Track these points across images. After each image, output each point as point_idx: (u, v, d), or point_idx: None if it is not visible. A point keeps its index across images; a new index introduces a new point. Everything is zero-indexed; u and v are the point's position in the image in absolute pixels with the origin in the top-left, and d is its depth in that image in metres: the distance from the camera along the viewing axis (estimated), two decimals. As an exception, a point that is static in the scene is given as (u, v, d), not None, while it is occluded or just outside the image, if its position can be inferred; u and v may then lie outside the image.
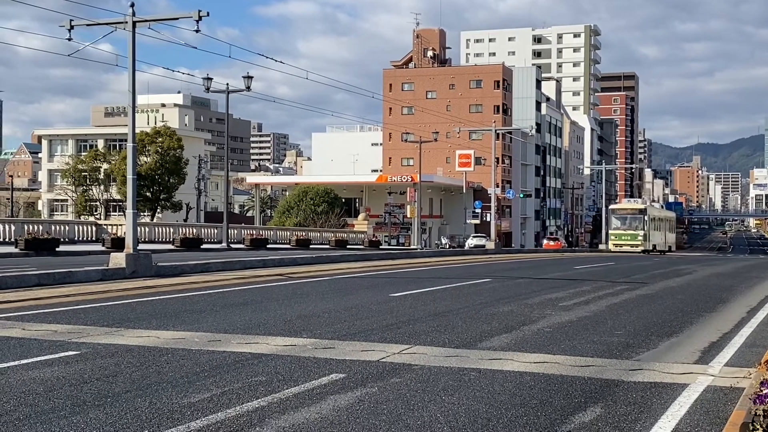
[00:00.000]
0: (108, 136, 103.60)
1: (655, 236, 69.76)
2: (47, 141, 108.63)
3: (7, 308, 14.42)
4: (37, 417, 6.90)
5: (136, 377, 8.60)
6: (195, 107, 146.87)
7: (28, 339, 10.99)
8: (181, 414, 7.05)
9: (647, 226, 66.58)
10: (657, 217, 73.67)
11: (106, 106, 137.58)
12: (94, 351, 10.13)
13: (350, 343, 10.97)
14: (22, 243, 35.39)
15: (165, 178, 79.68)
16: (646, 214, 67.13)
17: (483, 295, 18.77)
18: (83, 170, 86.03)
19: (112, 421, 6.80)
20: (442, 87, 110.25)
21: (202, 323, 12.78)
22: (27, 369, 8.96)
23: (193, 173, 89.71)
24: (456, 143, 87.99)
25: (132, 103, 23.42)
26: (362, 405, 7.48)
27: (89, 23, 24.03)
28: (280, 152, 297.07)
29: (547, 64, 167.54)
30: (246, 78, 44.44)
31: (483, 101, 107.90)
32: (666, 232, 76.70)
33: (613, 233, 67.72)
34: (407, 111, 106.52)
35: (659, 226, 73.06)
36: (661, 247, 72.08)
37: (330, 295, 18.23)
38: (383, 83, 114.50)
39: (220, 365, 9.31)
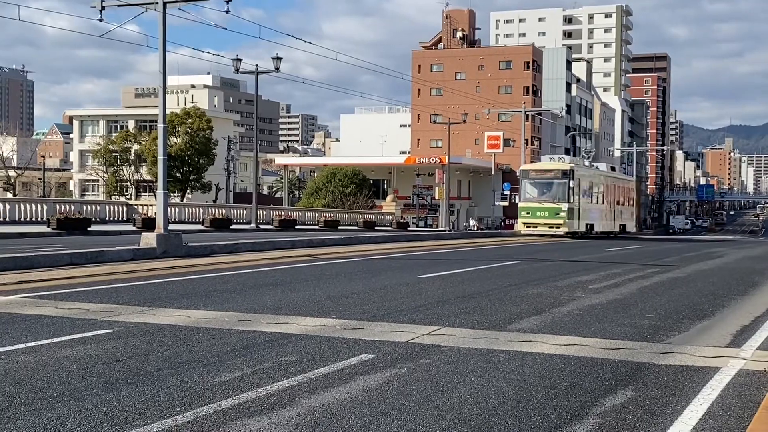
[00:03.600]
0: (138, 117, 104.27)
1: (592, 211, 48.62)
2: (78, 122, 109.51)
3: (40, 287, 14.60)
4: (70, 394, 6.98)
5: (168, 356, 8.68)
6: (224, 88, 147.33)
7: (61, 317, 11.13)
8: (212, 392, 7.11)
9: (575, 196, 44.79)
10: (596, 183, 50.50)
11: (137, 87, 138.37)
12: (126, 329, 10.23)
13: (379, 323, 10.99)
14: (54, 223, 35.78)
15: (195, 158, 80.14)
16: (573, 177, 44.63)
17: (512, 277, 18.72)
18: (114, 151, 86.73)
19: (144, 399, 6.87)
20: (472, 68, 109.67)
21: (233, 303, 12.86)
22: (60, 347, 9.08)
23: (223, 154, 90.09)
24: (485, 125, 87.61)
25: (163, 84, 23.52)
26: (391, 386, 7.50)
27: (120, 4, 24.14)
28: (308, 133, 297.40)
29: (577, 45, 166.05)
30: (275, 59, 44.45)
31: (512, 82, 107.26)
32: (615, 205, 53.93)
33: (523, 207, 45.42)
34: (436, 92, 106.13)
35: (601, 197, 51.27)
36: (604, 227, 51.29)
37: (358, 276, 18.26)
38: (412, 64, 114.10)
39: (250, 345, 9.37)
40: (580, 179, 46.13)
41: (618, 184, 55.92)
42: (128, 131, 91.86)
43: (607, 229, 51.87)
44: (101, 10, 23.86)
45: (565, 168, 45.13)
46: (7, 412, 6.42)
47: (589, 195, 48.55)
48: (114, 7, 24.53)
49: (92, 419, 6.25)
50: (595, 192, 49.82)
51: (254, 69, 46.21)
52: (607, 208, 52.27)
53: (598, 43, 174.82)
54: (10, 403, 6.65)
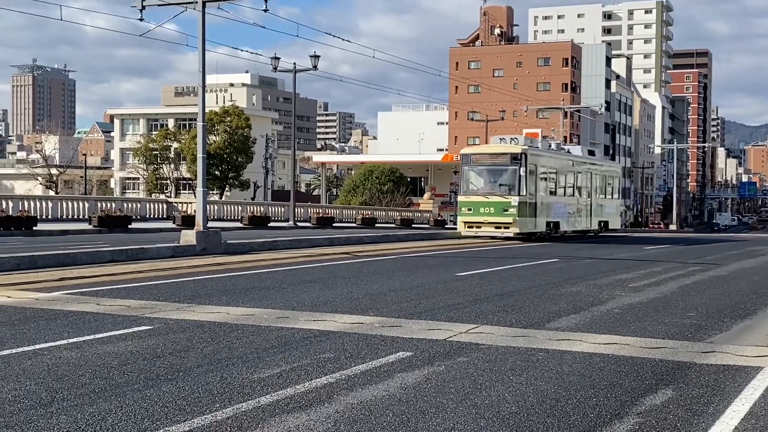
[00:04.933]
0: (178, 116, 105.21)
1: (556, 206, 37.26)
2: (119, 120, 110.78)
3: (82, 284, 14.80)
4: (111, 390, 7.07)
5: (208, 352, 8.75)
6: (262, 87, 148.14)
7: (103, 314, 11.27)
8: (252, 389, 7.15)
9: (529, 186, 33.87)
10: (562, 170, 38.48)
11: (176, 86, 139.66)
12: (166, 326, 10.33)
13: (417, 321, 10.99)
14: (95, 220, 36.25)
15: (233, 156, 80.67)
16: (525, 163, 33.57)
17: (551, 275, 18.61)
18: (154, 149, 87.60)
19: (184, 395, 6.93)
20: (510, 65, 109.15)
21: (271, 300, 12.93)
22: (102, 343, 9.19)
23: (261, 152, 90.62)
24: (523, 122, 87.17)
25: (202, 82, 23.70)
26: (429, 383, 7.49)
27: (160, 3, 24.36)
28: (345, 131, 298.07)
29: (617, 41, 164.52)
30: (312, 57, 44.61)
31: (551, 79, 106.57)
32: (592, 197, 41.92)
33: (464, 202, 34.68)
34: (473, 89, 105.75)
35: (571, 187, 39.46)
36: (576, 225, 40.11)
37: (396, 273, 18.27)
38: (449, 61, 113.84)
39: (288, 342, 9.41)
40: (537, 165, 34.66)
41: (596, 172, 42.75)
42: (168, 129, 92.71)
43: (580, 227, 40.59)
44: (141, 10, 24.11)
45: (514, 151, 33.61)
46: (50, 406, 6.51)
47: (552, 185, 37.08)
48: (153, 7, 24.75)
49: (133, 415, 6.32)
50: (561, 181, 37.98)
51: (292, 67, 46.41)
52: (580, 202, 40.36)
53: (637, 39, 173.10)
54: (52, 398, 6.75)
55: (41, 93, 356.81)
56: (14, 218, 33.26)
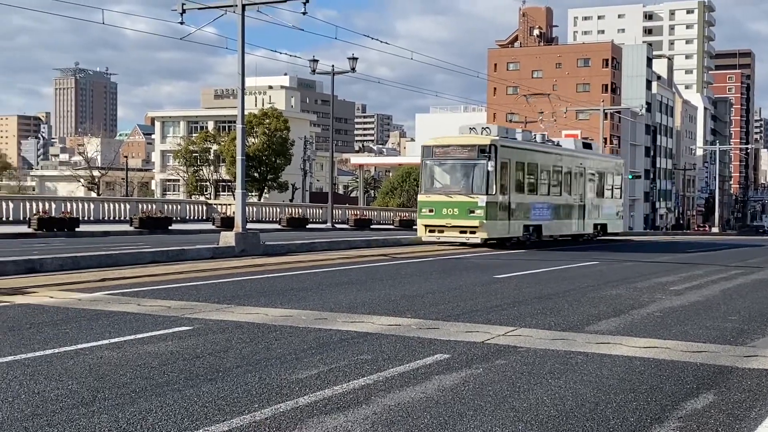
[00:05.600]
0: (217, 118, 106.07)
1: (537, 207, 31.41)
2: (160, 123, 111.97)
3: (123, 284, 14.98)
4: (152, 389, 7.15)
5: (246, 353, 8.81)
6: (300, 89, 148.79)
7: (144, 314, 11.39)
8: (290, 390, 7.19)
9: (499, 183, 28.50)
10: (545, 165, 32.52)
11: (216, 89, 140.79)
12: (205, 327, 10.42)
13: (454, 323, 10.97)
14: (136, 221, 36.69)
15: (272, 158, 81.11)
16: (495, 156, 28.25)
17: (590, 277, 18.46)
18: (194, 151, 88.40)
19: (223, 395, 6.99)
20: (549, 66, 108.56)
21: (309, 301, 12.98)
22: (142, 343, 9.29)
23: (299, 154, 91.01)
24: (562, 123, 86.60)
25: (241, 85, 23.88)
26: (467, 386, 7.47)
27: (200, 7, 24.59)
28: (383, 133, 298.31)
29: (658, 42, 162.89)
30: (351, 59, 44.72)
31: (591, 80, 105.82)
32: (585, 196, 35.67)
33: (424, 202, 29.18)
34: (512, 90, 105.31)
35: (557, 185, 33.53)
36: (564, 228, 34.17)
37: (433, 275, 18.24)
38: (488, 63, 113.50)
39: (326, 343, 9.44)
40: (511, 159, 29.22)
41: (591, 167, 36.37)
42: (208, 132, 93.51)
43: (569, 231, 34.49)
44: (182, 13, 24.36)
45: (482, 142, 28.21)
46: (92, 405, 6.60)
47: (532, 182, 31.09)
48: (193, 10, 24.99)
49: (173, 414, 6.39)
50: (544, 178, 32.09)
51: (330, 69, 46.58)
52: (570, 202, 34.18)
53: (679, 40, 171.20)
54: (94, 398, 6.83)
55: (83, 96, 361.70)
56: (57, 219, 33.77)
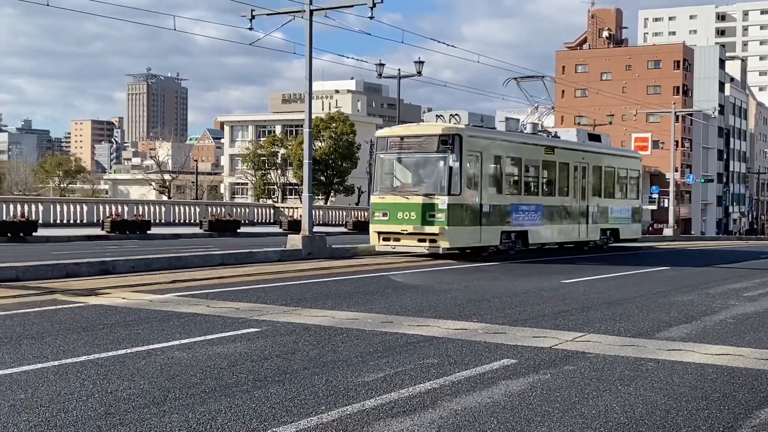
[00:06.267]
0: (285, 122, 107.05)
1: (521, 210, 25.89)
2: (229, 127, 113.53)
3: (194, 286, 15.22)
4: (221, 390, 7.25)
5: (313, 355, 8.87)
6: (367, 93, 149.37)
7: (213, 316, 11.56)
8: (356, 392, 7.22)
9: (466, 181, 23.30)
10: (531, 159, 27.01)
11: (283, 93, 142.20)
12: (273, 329, 10.53)
13: (521, 328, 10.88)
14: (206, 224, 37.29)
15: (338, 162, 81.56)
16: (459, 149, 22.99)
17: (660, 283, 18.13)
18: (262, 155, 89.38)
19: (291, 396, 7.05)
20: (618, 68, 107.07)
21: (375, 305, 13.02)
22: (212, 344, 9.43)
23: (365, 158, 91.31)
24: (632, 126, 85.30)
25: (309, 89, 24.07)
26: (534, 391, 7.40)
27: (269, 12, 24.88)
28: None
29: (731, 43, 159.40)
30: (417, 63, 44.73)
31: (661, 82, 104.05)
32: (591, 197, 30.05)
33: (377, 204, 24.04)
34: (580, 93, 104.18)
35: (549, 185, 28.05)
36: (559, 235, 28.42)
37: (500, 279, 18.12)
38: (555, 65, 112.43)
39: (392, 346, 9.46)
40: (484, 153, 23.99)
41: (597, 163, 30.47)
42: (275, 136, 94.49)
43: (567, 238, 28.75)
44: (251, 19, 24.69)
45: (444, 132, 23.02)
46: (163, 405, 6.72)
47: (514, 180, 25.86)
48: (262, 16, 25.29)
49: (242, 415, 6.47)
50: (530, 175, 26.86)
51: (396, 73, 46.66)
52: (567, 203, 28.53)
53: (753, 41, 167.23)
54: (165, 397, 6.96)
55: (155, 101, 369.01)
56: (129, 222, 34.52)
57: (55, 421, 6.20)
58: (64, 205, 39.96)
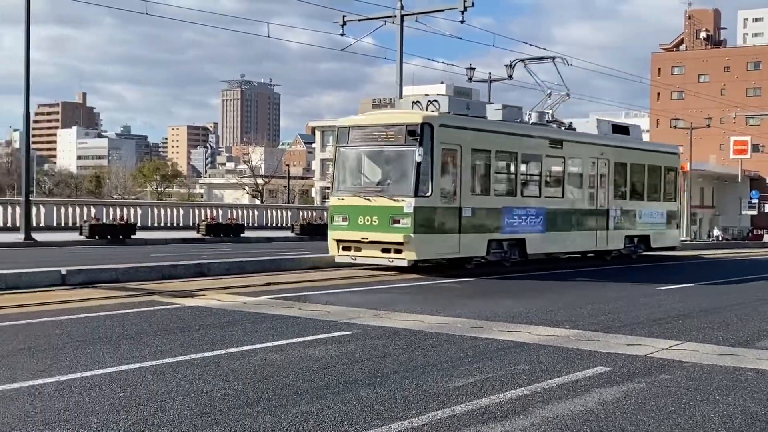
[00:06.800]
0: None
1: (512, 215, 21.54)
2: (320, 132, 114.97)
3: (286, 289, 15.44)
4: (313, 392, 7.33)
5: (403, 359, 8.89)
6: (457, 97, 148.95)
7: (305, 318, 11.71)
8: (446, 397, 7.20)
9: (435, 180, 19.25)
10: (525, 153, 22.47)
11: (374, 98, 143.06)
12: (363, 332, 10.60)
13: (615, 336, 10.69)
14: (297, 228, 37.78)
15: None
16: (431, 142, 19.15)
17: (762, 290, 17.56)
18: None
19: (381, 400, 7.08)
20: (716, 70, 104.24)
21: (464, 309, 12.97)
22: (304, 346, 9.55)
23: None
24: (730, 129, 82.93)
25: (399, 94, 24.18)
26: (629, 400, 7.26)
27: (361, 18, 25.11)
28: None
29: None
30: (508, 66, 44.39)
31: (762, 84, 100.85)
32: (606, 199, 25.53)
33: (336, 207, 20.70)
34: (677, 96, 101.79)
35: (554, 183, 23.83)
36: (559, 244, 23.66)
37: (593, 286, 17.84)
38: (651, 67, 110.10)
39: (482, 352, 9.40)
40: (464, 145, 20.13)
41: (621, 159, 26.38)
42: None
43: (579, 246, 24.67)
44: (343, 25, 24.96)
45: (411, 121, 19.42)
46: (256, 406, 6.83)
47: (509, 178, 22.12)
48: (354, 22, 25.55)
49: (333, 417, 6.52)
50: (528, 173, 23.07)
51: (486, 77, 46.43)
52: (579, 206, 24.41)
53: None
54: (258, 398, 7.08)
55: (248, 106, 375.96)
56: (223, 225, 35.26)
57: (152, 419, 6.38)
58: (161, 209, 41.07)
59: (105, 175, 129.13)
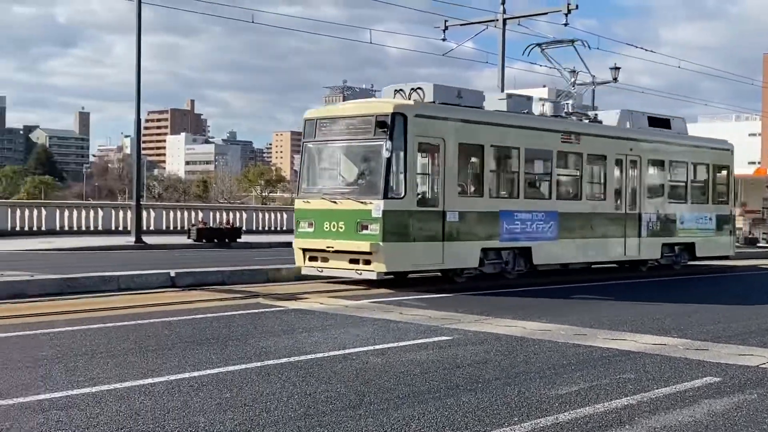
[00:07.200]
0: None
1: (512, 220, 18.50)
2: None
3: (387, 293, 15.52)
4: (414, 396, 7.35)
5: (505, 365, 8.83)
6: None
7: (406, 323, 11.75)
8: (549, 405, 7.11)
9: (409, 179, 16.46)
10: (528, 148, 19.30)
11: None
12: (464, 337, 10.57)
13: (725, 345, 10.36)
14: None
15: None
16: (403, 134, 16.48)
17: None
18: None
19: (483, 406, 7.04)
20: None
21: (567, 316, 12.79)
22: (405, 351, 9.58)
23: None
24: None
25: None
26: (740, 412, 7.02)
27: (463, 23, 25.07)
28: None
29: None
30: (613, 69, 43.55)
31: None
32: (637, 201, 22.10)
33: (300, 210, 17.85)
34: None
35: (569, 181, 20.97)
36: (577, 252, 20.28)
37: (702, 293, 17.34)
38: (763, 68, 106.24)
39: (586, 359, 9.25)
40: (447, 139, 17.39)
41: (658, 155, 23.11)
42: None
43: (600, 256, 21.27)
44: (444, 30, 24.95)
45: (381, 111, 16.91)
46: (359, 409, 6.89)
47: (510, 177, 19.35)
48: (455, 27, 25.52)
49: (434, 422, 6.52)
50: (536, 171, 20.37)
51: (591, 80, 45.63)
52: (600, 209, 21.16)
53: None
54: (360, 401, 7.14)
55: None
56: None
57: (258, 420, 6.51)
58: (265, 213, 41.83)
59: (212, 179, 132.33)
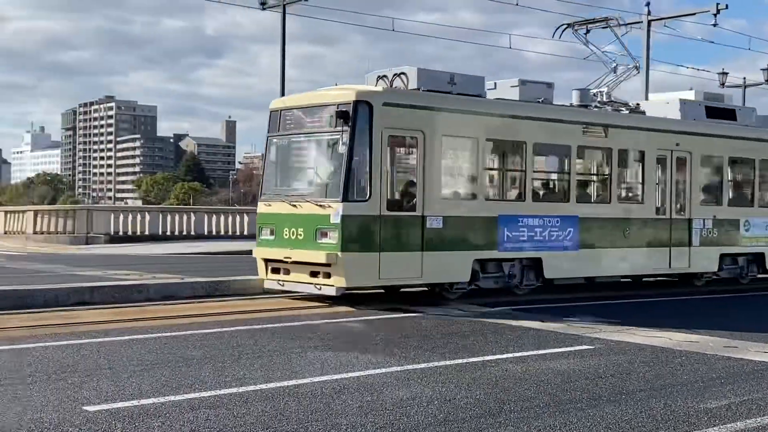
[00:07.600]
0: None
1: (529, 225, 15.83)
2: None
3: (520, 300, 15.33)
4: (555, 406, 7.24)
5: (650, 377, 8.58)
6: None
7: (546, 331, 11.61)
8: (697, 419, 6.87)
9: (376, 179, 13.91)
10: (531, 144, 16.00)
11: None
12: (606, 347, 10.34)
13: None
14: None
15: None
16: (367, 126, 13.92)
17: None
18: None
19: (627, 418, 6.87)
20: None
21: (717, 327, 12.30)
22: (544, 359, 9.46)
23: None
24: None
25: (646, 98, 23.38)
26: None
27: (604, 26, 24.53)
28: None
29: None
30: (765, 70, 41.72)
31: None
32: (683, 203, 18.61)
33: (262, 214, 15.49)
34: None
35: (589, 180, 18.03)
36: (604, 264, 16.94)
37: None
38: None
39: (737, 373, 8.88)
40: (428, 132, 14.65)
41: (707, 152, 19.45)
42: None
43: (639, 268, 17.90)
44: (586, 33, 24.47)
45: (343, 100, 14.29)
46: (498, 416, 6.85)
47: (513, 176, 16.51)
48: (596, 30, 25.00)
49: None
50: (549, 170, 17.68)
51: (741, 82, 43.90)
52: (636, 215, 17.81)
53: None
54: (500, 409, 7.10)
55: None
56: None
57: (398, 424, 6.56)
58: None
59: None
